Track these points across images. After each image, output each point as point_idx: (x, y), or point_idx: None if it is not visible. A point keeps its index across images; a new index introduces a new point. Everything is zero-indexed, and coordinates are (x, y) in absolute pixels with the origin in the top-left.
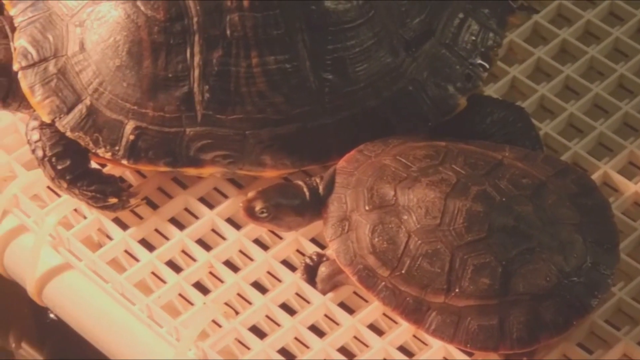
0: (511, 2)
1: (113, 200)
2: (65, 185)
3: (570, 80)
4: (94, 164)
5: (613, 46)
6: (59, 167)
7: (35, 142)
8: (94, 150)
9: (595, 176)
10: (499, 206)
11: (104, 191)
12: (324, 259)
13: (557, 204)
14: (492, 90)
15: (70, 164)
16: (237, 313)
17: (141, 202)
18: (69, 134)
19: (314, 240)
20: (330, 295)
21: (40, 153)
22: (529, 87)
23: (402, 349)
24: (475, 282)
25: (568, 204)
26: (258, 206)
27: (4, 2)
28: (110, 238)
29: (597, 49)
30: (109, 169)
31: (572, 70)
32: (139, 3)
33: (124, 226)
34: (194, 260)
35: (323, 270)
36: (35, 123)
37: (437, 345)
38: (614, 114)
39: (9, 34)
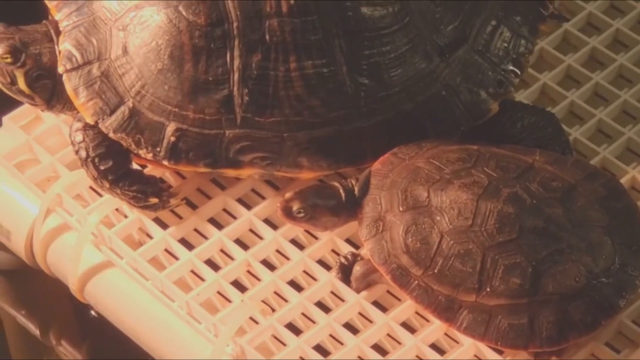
0: (542, 10)
1: (154, 200)
2: (107, 185)
3: (599, 87)
4: (135, 165)
5: None
6: (102, 168)
7: (79, 143)
8: (135, 151)
9: (623, 180)
10: (530, 208)
11: (145, 191)
12: (359, 258)
13: (586, 206)
14: (522, 96)
15: (112, 164)
16: (273, 310)
17: (181, 202)
18: (111, 135)
19: (348, 241)
20: (364, 293)
21: (83, 154)
22: (559, 93)
23: (434, 347)
24: (506, 282)
25: (597, 207)
26: (295, 206)
27: (49, 6)
28: (150, 237)
29: (626, 56)
30: (149, 170)
31: (601, 78)
32: (180, 8)
33: (164, 225)
34: (232, 259)
35: (357, 269)
36: (79, 124)
37: (468, 343)
38: None
39: (54, 38)
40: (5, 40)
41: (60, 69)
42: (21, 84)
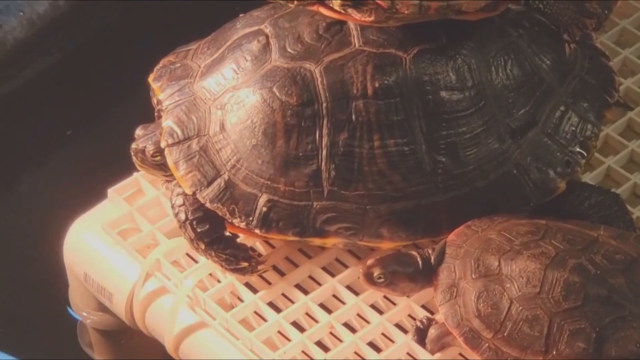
0: (608, 98)
1: (244, 264)
2: (202, 247)
3: None
4: (229, 233)
5: None
6: (199, 230)
7: (179, 206)
8: (230, 220)
9: None
10: (594, 278)
11: (236, 255)
12: (434, 322)
13: None
14: (588, 178)
15: (208, 228)
16: None
17: (268, 268)
18: (208, 205)
19: (424, 307)
20: (438, 355)
21: (182, 216)
22: (623, 176)
23: None
24: (571, 346)
25: None
26: (376, 272)
27: (153, 87)
28: (241, 300)
29: None
30: (242, 239)
31: None
32: (274, 89)
33: (254, 290)
34: (316, 321)
35: (432, 332)
36: (180, 189)
37: None
38: None
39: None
40: (150, 140)
41: (162, 144)
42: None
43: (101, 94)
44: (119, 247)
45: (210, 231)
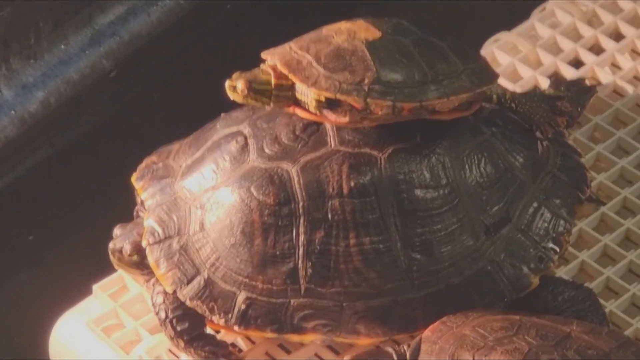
0: (580, 194)
1: None
2: (182, 344)
3: (633, 265)
4: (209, 330)
5: None
6: (178, 328)
7: (160, 304)
8: (209, 317)
9: None
10: None
11: (216, 352)
12: None
13: None
14: (563, 272)
15: (188, 326)
16: None
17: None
18: (188, 302)
19: None
20: None
21: (162, 315)
22: (596, 270)
23: None
24: None
25: None
26: None
27: (136, 187)
28: None
29: None
30: (222, 335)
31: (634, 256)
32: (252, 189)
33: None
34: None
35: None
36: (160, 288)
37: None
38: None
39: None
40: (127, 240)
41: (143, 243)
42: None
43: (89, 190)
44: (103, 343)
45: (189, 329)
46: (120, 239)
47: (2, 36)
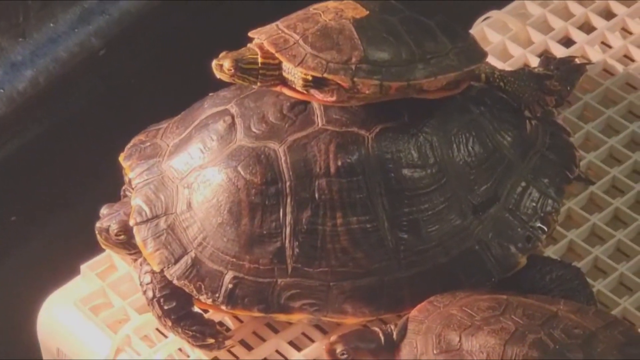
0: (568, 173)
1: (211, 340)
2: (170, 323)
3: (622, 244)
4: (197, 309)
5: None
6: (166, 308)
7: (147, 284)
8: (197, 297)
9: None
10: (553, 353)
11: (203, 332)
12: None
13: (606, 352)
14: (551, 252)
15: (175, 305)
16: None
17: (235, 343)
18: (175, 282)
19: None
20: None
21: (150, 294)
22: (585, 249)
23: None
24: None
25: (615, 352)
26: (339, 348)
27: (124, 166)
28: None
29: None
30: (210, 314)
31: (623, 235)
32: (239, 168)
33: None
34: None
35: None
36: (148, 267)
37: None
38: None
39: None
40: (114, 220)
41: (131, 222)
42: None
43: (78, 170)
44: (91, 322)
45: (177, 308)
46: (107, 218)
47: None
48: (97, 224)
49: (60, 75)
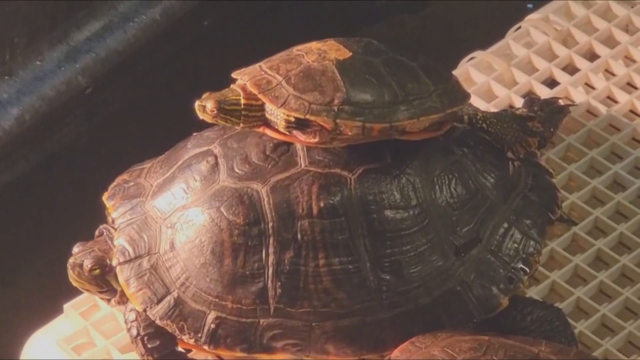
0: (550, 214)
1: None
2: (143, 350)
3: (604, 286)
4: (180, 349)
5: None
6: (149, 346)
7: (132, 321)
8: (179, 337)
9: None
10: None
11: None
12: None
13: None
14: (533, 292)
15: (159, 344)
16: None
17: None
18: (158, 322)
19: None
20: None
21: (134, 332)
22: (567, 290)
23: None
24: None
25: None
26: None
27: (107, 205)
28: None
29: (628, 257)
30: (194, 354)
31: (605, 276)
32: (222, 209)
33: None
34: None
35: None
36: (133, 305)
37: None
38: None
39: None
40: (89, 255)
41: (114, 262)
42: (115, 285)
43: (63, 207)
44: None
45: (160, 347)
46: (81, 254)
47: None
48: (71, 260)
49: (47, 113)
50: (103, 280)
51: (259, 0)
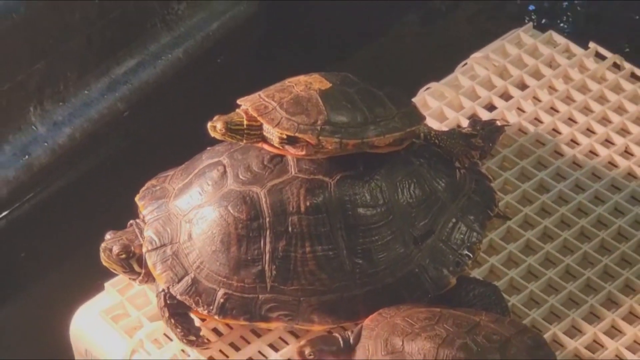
0: (489, 211)
1: (192, 337)
2: (167, 315)
3: (532, 268)
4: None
5: (563, 244)
6: (168, 302)
7: (160, 292)
8: (194, 309)
9: (546, 335)
10: (476, 355)
11: (189, 330)
12: None
13: (517, 354)
14: (476, 273)
15: (177, 302)
16: None
17: (210, 346)
18: (178, 297)
19: None
20: None
21: (162, 300)
22: (502, 271)
23: None
24: None
25: (525, 354)
26: (307, 350)
27: (138, 205)
28: None
29: (551, 245)
30: (206, 322)
31: (533, 260)
32: (229, 207)
33: None
34: None
35: None
36: None
37: None
38: (562, 291)
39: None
40: (117, 242)
41: (143, 249)
42: (137, 267)
43: (106, 206)
44: (112, 328)
45: (176, 306)
46: (112, 241)
47: (37, 84)
48: (102, 244)
49: (93, 131)
50: (127, 263)
51: (259, 48)
